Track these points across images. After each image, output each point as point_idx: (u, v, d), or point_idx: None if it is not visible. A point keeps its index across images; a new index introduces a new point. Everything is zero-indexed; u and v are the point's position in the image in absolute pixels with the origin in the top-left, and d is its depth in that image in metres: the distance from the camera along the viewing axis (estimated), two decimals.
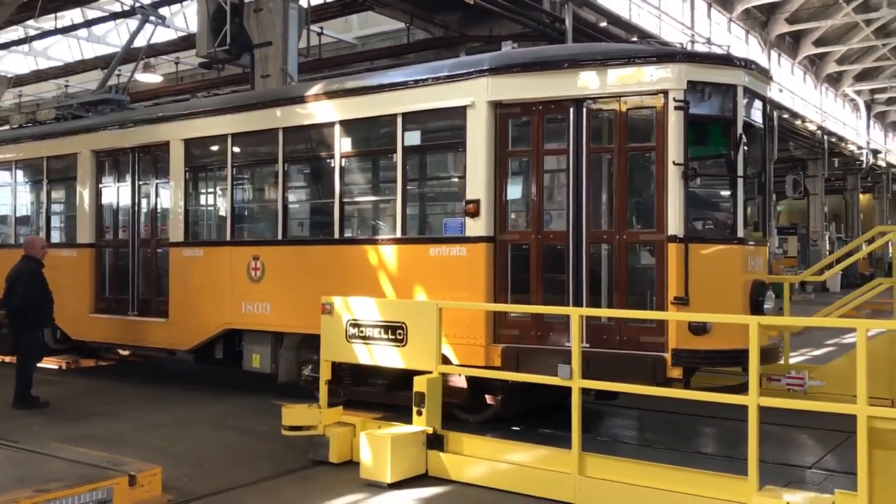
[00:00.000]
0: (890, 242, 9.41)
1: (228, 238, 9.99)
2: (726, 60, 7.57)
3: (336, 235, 8.86)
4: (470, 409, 7.81)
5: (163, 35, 17.35)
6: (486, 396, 7.80)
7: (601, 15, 21.89)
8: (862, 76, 42.33)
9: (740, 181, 7.19)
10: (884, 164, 46.41)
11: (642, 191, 7.50)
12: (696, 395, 6.02)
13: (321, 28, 21.23)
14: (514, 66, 7.68)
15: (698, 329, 6.70)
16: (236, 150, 10.03)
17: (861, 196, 45.66)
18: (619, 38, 21.71)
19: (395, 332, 7.12)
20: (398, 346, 7.08)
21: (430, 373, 6.84)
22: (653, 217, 7.14)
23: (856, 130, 44.02)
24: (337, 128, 8.81)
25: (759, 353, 5.35)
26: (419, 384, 6.78)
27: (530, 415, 7.92)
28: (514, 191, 7.90)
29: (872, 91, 44.36)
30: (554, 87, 7.43)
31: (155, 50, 15.57)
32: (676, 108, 6.95)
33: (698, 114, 7.10)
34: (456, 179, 8.60)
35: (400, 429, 6.79)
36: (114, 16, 20.52)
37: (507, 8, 18.48)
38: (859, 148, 42.30)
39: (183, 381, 11.74)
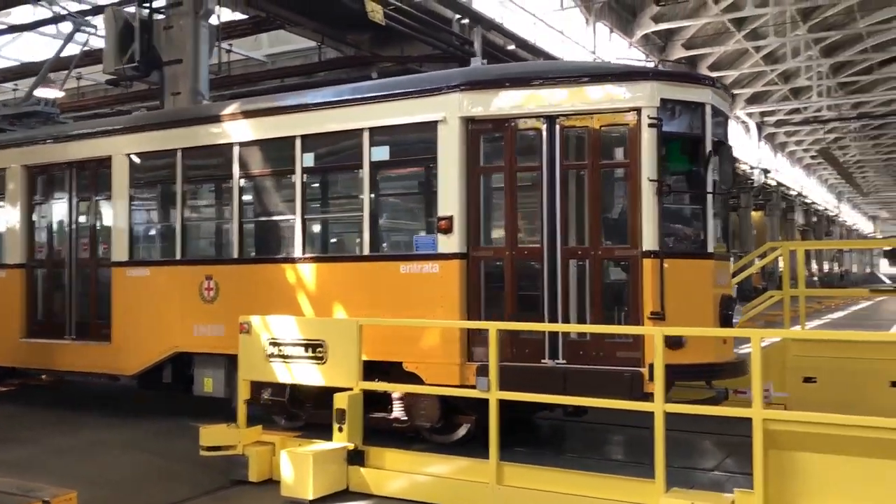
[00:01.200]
0: (780, 258, 9.99)
1: (178, 257, 9.64)
2: (695, 79, 7.74)
3: (298, 254, 8.63)
4: (441, 431, 7.75)
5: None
6: (460, 417, 7.74)
7: (508, 38, 22.49)
8: (753, 99, 44.60)
9: (710, 197, 7.38)
10: (774, 183, 49.01)
11: (616, 207, 7.60)
12: (599, 403, 6.25)
13: (231, 45, 21.08)
14: (486, 82, 7.74)
15: (674, 343, 6.77)
16: (187, 165, 9.67)
17: (753, 213, 48.06)
18: (526, 60, 22.34)
19: (315, 349, 7.18)
20: (318, 363, 7.15)
21: (351, 389, 6.95)
22: (627, 233, 7.25)
23: (748, 151, 46.30)
24: (298, 142, 8.63)
25: (663, 362, 5.66)
26: (340, 401, 6.86)
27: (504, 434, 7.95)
28: (487, 207, 7.90)
29: (762, 114, 46.79)
30: (526, 104, 7.49)
31: (58, 64, 15.13)
32: (650, 125, 7.08)
33: (669, 131, 7.22)
34: (426, 195, 8.49)
35: (321, 445, 6.85)
36: (38, 24, 19.84)
37: (417, 29, 18.81)
38: (751, 167, 44.54)
39: (98, 404, 11.41)
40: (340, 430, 6.81)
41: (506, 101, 7.58)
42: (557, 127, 7.38)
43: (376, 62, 20.48)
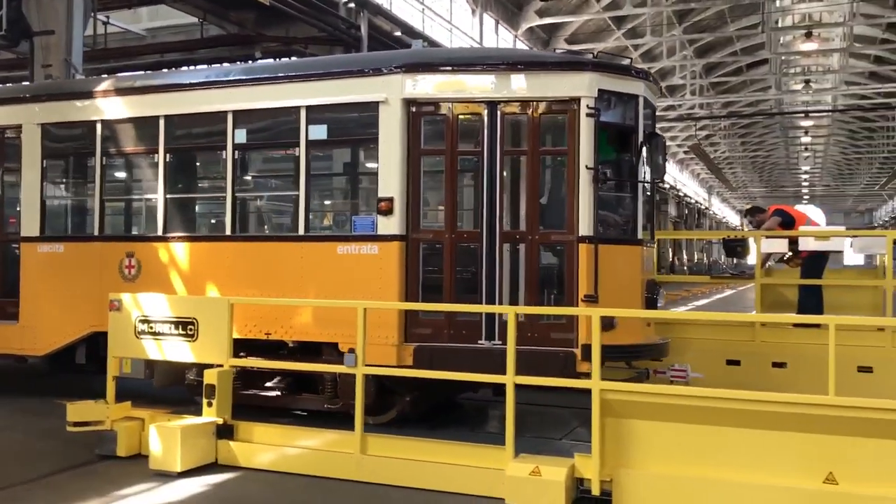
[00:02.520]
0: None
1: (97, 233, 9.22)
2: (630, 71, 7.88)
3: (228, 232, 8.41)
4: (375, 411, 7.79)
5: None
6: (394, 398, 7.82)
7: (395, 24, 22.70)
8: None
9: (640, 186, 7.66)
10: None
11: (554, 193, 7.73)
12: (440, 375, 6.65)
13: (108, 17, 20.42)
14: (429, 65, 7.76)
15: (606, 325, 6.92)
16: (108, 137, 9.23)
17: None
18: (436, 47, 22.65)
19: (186, 327, 7.29)
20: (189, 340, 7.27)
21: (221, 366, 7.12)
22: (563, 218, 7.43)
23: None
24: (230, 117, 8.40)
25: (515, 342, 6.11)
26: (210, 377, 7.02)
27: (438, 414, 8.09)
28: (428, 189, 7.95)
29: None
30: (469, 88, 7.56)
31: None
32: (588, 115, 7.25)
33: (605, 121, 7.38)
34: (365, 175, 8.43)
35: (190, 420, 7.00)
36: None
37: (303, 11, 18.77)
38: None
39: None
40: (210, 404, 6.97)
41: (448, 85, 7.62)
42: (498, 113, 7.47)
43: (260, 42, 20.31)
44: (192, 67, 19.90)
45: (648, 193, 7.87)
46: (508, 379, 6.03)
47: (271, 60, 19.99)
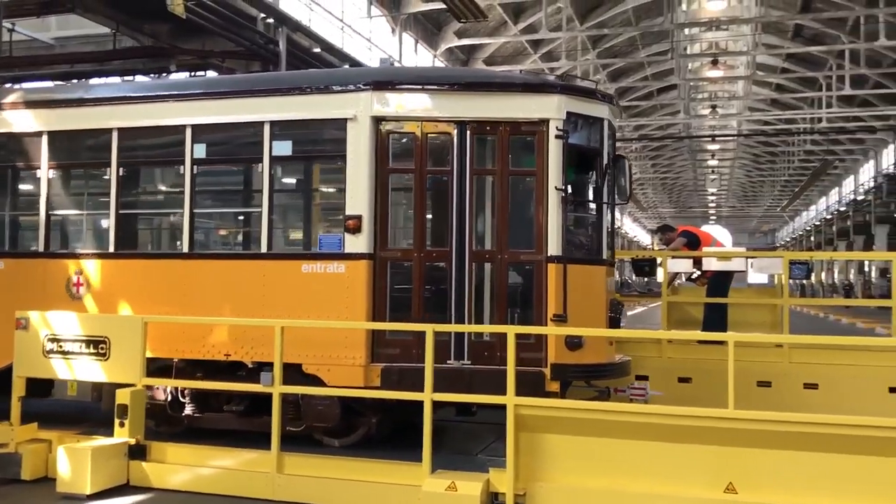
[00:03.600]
0: None
1: (42, 249, 8.74)
2: (596, 95, 7.93)
3: (185, 249, 8.10)
4: (340, 433, 7.66)
5: None
6: (359, 419, 7.66)
7: (314, 41, 22.69)
8: None
9: (605, 207, 7.76)
10: None
11: (522, 213, 7.73)
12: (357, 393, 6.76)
13: (13, 24, 19.75)
14: (399, 83, 7.70)
15: (574, 345, 7.06)
16: (54, 149, 8.77)
17: None
18: (332, 65, 22.64)
19: (98, 346, 7.14)
20: (100, 360, 7.12)
21: (134, 385, 6.98)
22: (532, 238, 7.44)
23: None
24: (189, 131, 8.10)
25: (432, 360, 6.21)
26: (122, 396, 6.88)
27: (401, 435, 7.81)
28: (396, 208, 7.87)
29: None
30: (439, 108, 7.55)
31: None
32: (557, 136, 7.31)
33: (572, 143, 7.42)
34: (332, 193, 8.24)
35: (100, 441, 6.84)
36: None
37: (220, 25, 18.56)
38: None
39: None
40: (122, 425, 6.83)
41: (419, 104, 7.61)
42: (468, 132, 7.47)
43: (176, 55, 19.97)
44: (126, 78, 19.21)
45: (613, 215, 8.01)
46: (426, 396, 6.12)
47: (186, 74, 19.73)
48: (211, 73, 19.66)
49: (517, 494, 5.85)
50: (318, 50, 22.81)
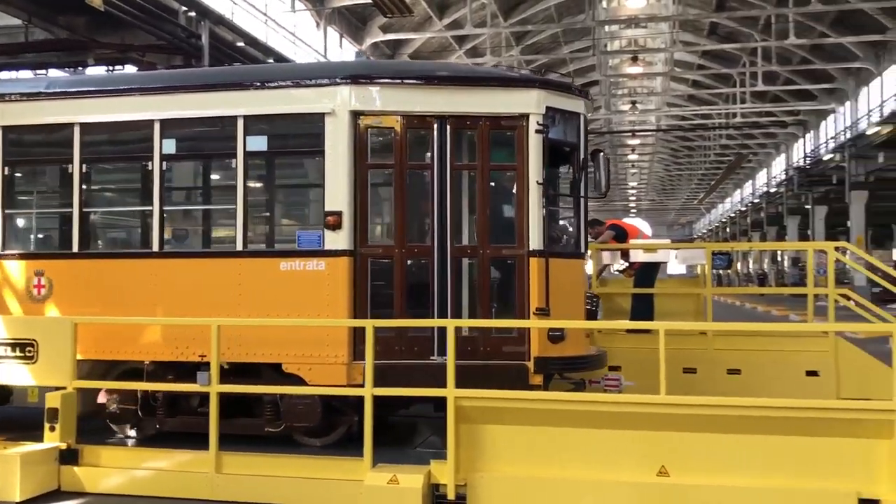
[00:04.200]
0: None
1: (0, 250, 8.31)
2: (573, 90, 7.88)
3: (155, 248, 7.81)
4: (321, 433, 7.51)
5: None
6: (338, 418, 7.49)
7: (238, 35, 22.33)
8: None
9: (583, 201, 7.79)
10: None
11: (504, 208, 7.70)
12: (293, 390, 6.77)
13: None
14: (378, 78, 7.59)
15: (556, 338, 7.08)
16: (12, 144, 8.37)
17: None
18: (257, 59, 22.34)
19: (25, 349, 6.94)
20: (28, 363, 6.93)
21: (65, 388, 6.82)
22: (514, 233, 7.42)
23: None
24: (157, 126, 7.81)
25: (371, 354, 6.26)
26: (52, 400, 6.72)
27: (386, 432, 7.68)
28: (377, 204, 7.75)
29: None
30: (419, 103, 7.47)
31: None
32: (537, 131, 7.30)
33: (551, 138, 7.40)
34: (310, 189, 8.02)
35: (30, 447, 6.65)
36: None
37: (139, 18, 18.12)
38: None
39: None
40: (52, 429, 6.67)
41: (398, 98, 7.50)
42: (448, 127, 7.41)
43: (93, 48, 19.39)
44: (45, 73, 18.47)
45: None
46: (367, 391, 6.17)
47: (104, 69, 19.18)
48: (130, 68, 19.22)
49: (458, 485, 5.95)
50: (241, 44, 22.48)
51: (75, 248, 8.06)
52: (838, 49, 37.83)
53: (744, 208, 65.94)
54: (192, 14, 20.16)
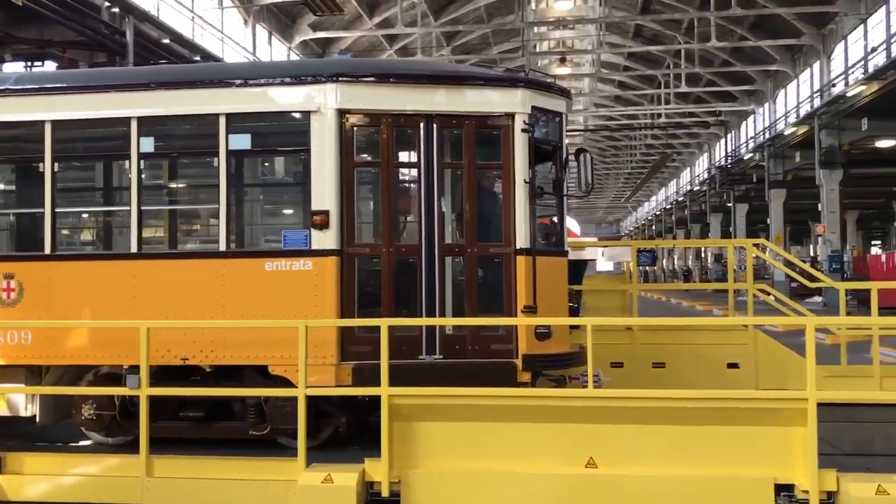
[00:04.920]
0: None
1: None
2: (555, 89, 7.89)
3: (133, 249, 7.52)
4: (308, 434, 7.10)
5: None
6: (325, 419, 7.31)
7: (164, 32, 21.93)
8: None
9: (565, 199, 7.80)
10: None
11: (491, 206, 7.65)
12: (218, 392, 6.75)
13: None
14: (364, 76, 7.51)
15: (543, 335, 7.06)
16: None
17: None
18: (183, 57, 21.97)
19: None
20: None
21: None
22: (501, 231, 7.40)
23: None
24: (134, 123, 7.49)
25: (304, 355, 6.28)
26: None
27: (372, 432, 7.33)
28: (363, 203, 7.65)
29: None
30: (405, 101, 7.40)
31: None
32: (523, 130, 7.30)
33: (536, 137, 7.41)
34: (295, 188, 7.83)
35: None
36: None
37: (59, 13, 17.64)
38: None
39: None
40: None
41: (385, 97, 7.43)
42: (435, 126, 7.36)
43: (11, 43, 18.78)
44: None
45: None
46: (300, 392, 6.18)
47: (22, 64, 18.59)
48: (50, 64, 18.67)
49: (392, 482, 6.01)
50: (167, 41, 22.08)
51: (48, 250, 7.73)
52: (757, 52, 39.21)
53: (669, 206, 67.66)
54: (116, 10, 19.73)
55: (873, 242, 60.31)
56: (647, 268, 63.06)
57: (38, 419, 7.59)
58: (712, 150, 59.29)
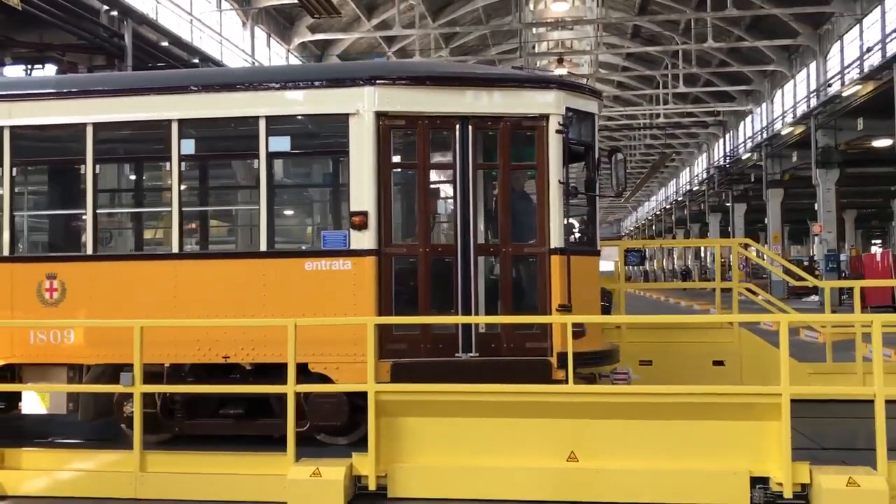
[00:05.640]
0: None
1: (7, 253, 7.98)
2: (588, 91, 8.09)
3: (175, 249, 7.68)
4: (346, 431, 7.48)
5: None
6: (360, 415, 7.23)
7: (162, 35, 22.11)
8: None
9: (597, 199, 7.97)
10: None
11: (525, 206, 7.77)
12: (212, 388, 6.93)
13: None
14: (402, 78, 7.64)
15: (578, 333, 7.04)
16: (19, 145, 8.06)
17: None
18: (181, 59, 22.14)
19: None
20: None
21: None
22: (535, 231, 7.52)
23: None
24: (174, 126, 7.67)
25: (293, 353, 6.44)
26: None
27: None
28: (400, 204, 7.77)
29: None
30: (442, 103, 7.52)
31: None
32: (557, 131, 7.43)
33: (570, 137, 7.54)
34: (333, 189, 7.93)
35: None
36: None
37: (59, 17, 17.83)
38: None
39: None
40: None
41: (422, 99, 7.57)
42: (470, 127, 7.49)
43: (11, 47, 18.97)
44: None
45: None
46: (289, 389, 6.34)
47: (23, 68, 18.75)
48: (50, 68, 18.83)
49: (379, 476, 6.17)
50: (166, 44, 22.26)
51: (90, 251, 7.88)
52: (754, 52, 39.33)
53: (668, 206, 67.75)
54: (115, 13, 19.93)
55: (873, 242, 60.39)
56: (647, 268, 63.17)
57: (79, 416, 7.78)
58: (711, 150, 59.40)
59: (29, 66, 19.41)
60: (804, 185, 33.42)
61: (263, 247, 7.58)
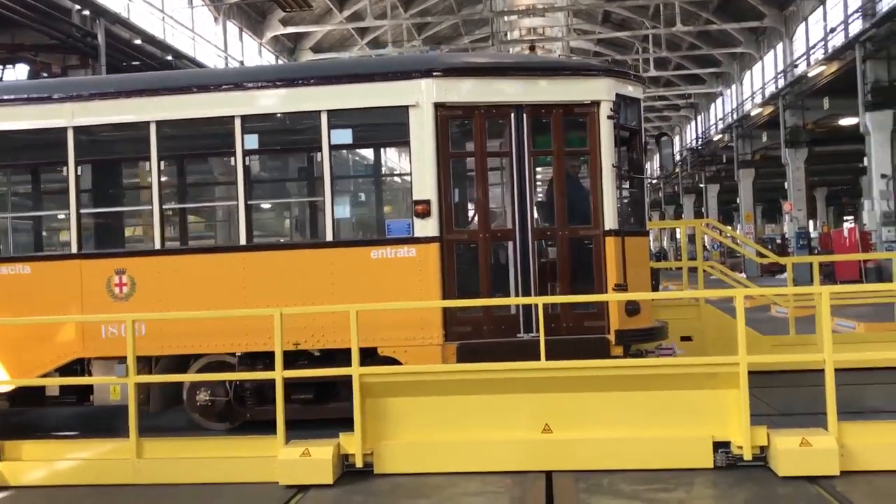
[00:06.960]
0: None
1: (76, 250, 8.16)
2: (634, 77, 8.36)
3: (243, 241, 7.92)
4: None
5: None
6: None
7: (135, 33, 22.17)
8: None
9: (646, 182, 8.27)
10: None
11: (579, 190, 8.06)
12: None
13: None
14: (458, 70, 7.90)
15: (633, 311, 7.44)
16: (84, 144, 8.22)
17: None
18: (155, 57, 22.23)
19: None
20: None
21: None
22: (590, 214, 7.81)
23: None
24: (238, 122, 7.86)
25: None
26: None
27: None
28: (460, 191, 8.03)
29: None
30: (496, 93, 7.82)
31: None
32: (609, 117, 7.70)
33: (621, 122, 7.80)
34: (395, 179, 8.25)
35: None
36: None
37: (30, 17, 17.89)
38: None
39: None
40: None
41: (477, 90, 7.85)
42: (525, 116, 7.73)
43: None
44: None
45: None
46: (277, 375, 6.66)
47: None
48: (22, 68, 18.87)
49: (365, 454, 6.51)
50: (139, 41, 22.32)
51: (157, 245, 8.12)
52: (723, 35, 39.85)
53: None
54: (87, 13, 19.96)
55: (845, 218, 61.41)
56: None
57: (150, 408, 8.05)
58: (683, 133, 60.04)
59: (1, 67, 19.46)
60: (775, 164, 34.07)
61: (329, 237, 7.87)
